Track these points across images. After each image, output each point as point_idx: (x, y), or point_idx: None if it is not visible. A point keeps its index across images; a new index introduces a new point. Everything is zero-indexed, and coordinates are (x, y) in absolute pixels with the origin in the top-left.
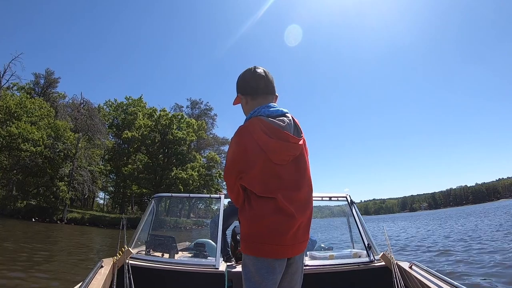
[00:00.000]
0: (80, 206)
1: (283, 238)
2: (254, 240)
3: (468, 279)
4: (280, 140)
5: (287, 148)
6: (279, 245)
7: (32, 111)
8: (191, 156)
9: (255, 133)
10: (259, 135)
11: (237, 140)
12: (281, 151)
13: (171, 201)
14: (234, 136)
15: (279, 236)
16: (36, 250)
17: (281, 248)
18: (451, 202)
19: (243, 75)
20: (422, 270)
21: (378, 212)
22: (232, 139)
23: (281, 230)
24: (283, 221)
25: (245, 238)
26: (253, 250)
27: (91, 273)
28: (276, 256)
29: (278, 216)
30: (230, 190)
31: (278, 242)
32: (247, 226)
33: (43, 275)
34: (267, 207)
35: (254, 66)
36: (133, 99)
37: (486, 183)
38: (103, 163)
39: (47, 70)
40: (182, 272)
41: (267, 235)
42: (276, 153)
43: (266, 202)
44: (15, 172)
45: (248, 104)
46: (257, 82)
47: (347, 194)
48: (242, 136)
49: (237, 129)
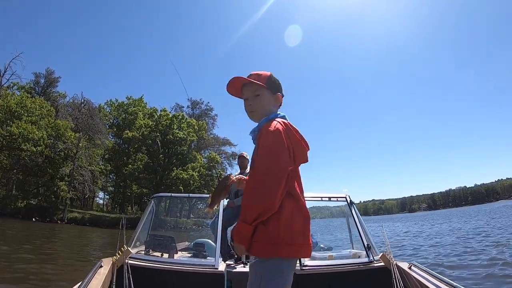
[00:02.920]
0: (80, 206)
1: (306, 239)
2: (283, 241)
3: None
4: (304, 144)
5: (305, 153)
6: (303, 245)
7: (32, 110)
8: (191, 156)
9: (288, 130)
10: (292, 132)
11: (276, 132)
12: (304, 153)
13: (171, 201)
14: (270, 131)
15: (303, 237)
16: (37, 249)
17: (303, 248)
18: (450, 203)
19: (277, 80)
20: (421, 271)
21: (377, 212)
22: (268, 133)
23: (304, 231)
24: (305, 222)
25: (272, 240)
26: (282, 251)
27: (90, 272)
28: (301, 256)
29: (302, 217)
30: (275, 188)
31: (302, 242)
32: (276, 226)
33: (44, 275)
34: (296, 207)
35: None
36: (133, 99)
37: (485, 184)
38: (103, 163)
39: (48, 69)
40: (181, 272)
41: (295, 235)
42: (303, 153)
43: (296, 202)
44: (15, 171)
45: (275, 105)
46: (282, 95)
47: (346, 195)
48: (280, 129)
49: (271, 124)
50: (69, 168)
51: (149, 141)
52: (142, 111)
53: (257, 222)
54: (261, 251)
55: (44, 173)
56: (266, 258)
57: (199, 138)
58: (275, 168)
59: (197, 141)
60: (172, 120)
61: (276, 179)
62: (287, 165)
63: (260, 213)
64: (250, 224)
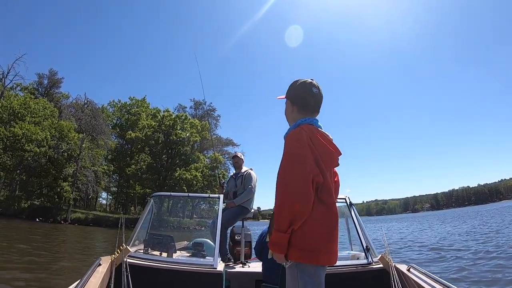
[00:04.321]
0: (83, 206)
1: (335, 246)
2: (313, 247)
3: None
4: (332, 148)
5: (335, 157)
6: (332, 252)
7: (35, 111)
8: (194, 156)
9: (313, 136)
10: (316, 138)
11: (299, 140)
12: (332, 158)
13: (174, 201)
14: (294, 138)
15: (333, 243)
16: (40, 249)
17: (332, 256)
18: (454, 203)
19: (299, 86)
20: (420, 273)
21: (380, 213)
22: (292, 141)
23: (334, 237)
24: (336, 228)
25: (300, 246)
26: (311, 258)
27: (88, 271)
28: (330, 263)
29: (333, 222)
30: (298, 196)
31: (332, 249)
32: (306, 232)
33: (48, 275)
34: (326, 213)
35: (311, 81)
36: (136, 99)
37: (488, 184)
38: (106, 164)
39: (51, 70)
40: (179, 271)
41: (325, 242)
42: (330, 158)
43: (326, 209)
44: (18, 172)
45: (293, 113)
46: (308, 100)
47: (346, 196)
48: (303, 136)
49: (294, 131)
50: (72, 168)
51: (152, 142)
52: (145, 112)
53: (290, 229)
54: (290, 256)
55: (47, 174)
56: (297, 263)
57: (202, 139)
58: (295, 176)
59: (200, 141)
60: (175, 120)
61: (298, 187)
62: (309, 172)
63: (290, 220)
64: (285, 232)
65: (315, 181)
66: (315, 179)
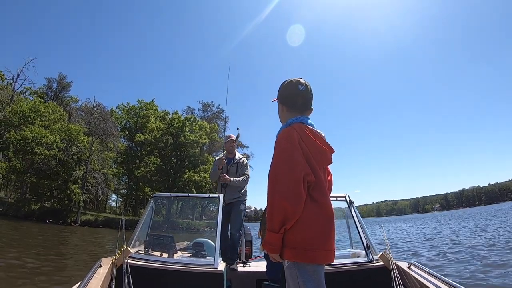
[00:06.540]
0: (93, 208)
1: (331, 243)
2: (307, 246)
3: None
4: (323, 145)
5: (327, 155)
6: (328, 250)
7: (45, 115)
8: (203, 158)
9: (303, 135)
10: (307, 136)
11: (290, 139)
12: (325, 156)
13: (183, 203)
14: (284, 138)
15: (329, 241)
16: (50, 251)
17: (329, 254)
18: (464, 203)
19: (286, 87)
20: (420, 270)
21: (390, 213)
22: (282, 140)
23: (330, 235)
24: (331, 226)
25: (294, 245)
26: (306, 257)
27: (89, 272)
28: (327, 261)
29: (327, 220)
30: (288, 195)
31: (328, 247)
32: (299, 231)
33: (52, 276)
34: (319, 212)
35: (298, 79)
36: (145, 102)
37: (499, 183)
38: (116, 166)
39: (60, 74)
40: (180, 271)
41: (320, 240)
42: (322, 155)
43: (319, 207)
44: (29, 175)
45: (283, 112)
46: (296, 99)
47: (346, 194)
48: (293, 135)
49: (284, 131)
50: (82, 171)
51: (161, 144)
52: (153, 114)
53: (283, 229)
54: (286, 256)
55: (57, 176)
56: (295, 262)
57: (211, 141)
58: (286, 176)
59: (209, 143)
60: (184, 122)
61: (288, 187)
62: (300, 171)
63: (282, 220)
64: (277, 232)
65: (306, 180)
66: (306, 178)
